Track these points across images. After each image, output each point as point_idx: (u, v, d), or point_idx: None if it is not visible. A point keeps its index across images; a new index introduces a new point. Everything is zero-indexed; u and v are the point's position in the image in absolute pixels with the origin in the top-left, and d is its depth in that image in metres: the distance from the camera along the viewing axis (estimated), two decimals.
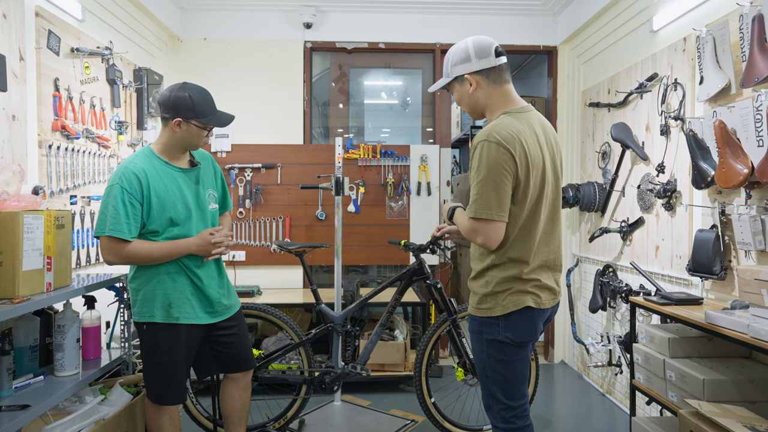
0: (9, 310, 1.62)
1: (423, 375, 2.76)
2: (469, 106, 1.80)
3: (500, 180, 1.61)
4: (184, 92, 1.95)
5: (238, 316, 2.21)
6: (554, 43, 4.12)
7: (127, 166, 1.92)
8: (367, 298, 2.81)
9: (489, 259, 1.72)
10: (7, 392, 1.78)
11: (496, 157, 1.60)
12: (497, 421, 1.77)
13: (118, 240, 1.88)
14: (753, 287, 1.85)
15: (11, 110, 2.13)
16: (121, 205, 1.87)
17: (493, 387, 1.76)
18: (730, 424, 1.63)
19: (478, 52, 1.72)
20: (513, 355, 1.72)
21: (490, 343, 1.73)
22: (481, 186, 1.62)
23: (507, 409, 1.74)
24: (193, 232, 2.03)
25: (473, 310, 1.77)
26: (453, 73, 1.77)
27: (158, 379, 2.00)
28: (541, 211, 1.72)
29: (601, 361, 3.33)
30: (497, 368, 1.73)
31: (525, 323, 1.70)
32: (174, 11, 3.82)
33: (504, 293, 1.69)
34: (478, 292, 1.75)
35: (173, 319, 1.97)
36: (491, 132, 1.63)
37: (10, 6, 2.13)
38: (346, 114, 4.36)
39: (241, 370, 2.23)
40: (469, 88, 1.75)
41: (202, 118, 1.98)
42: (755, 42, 2.02)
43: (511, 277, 1.69)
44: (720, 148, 2.15)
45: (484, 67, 1.72)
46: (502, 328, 1.70)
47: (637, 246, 3.04)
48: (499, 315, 1.69)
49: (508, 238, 1.69)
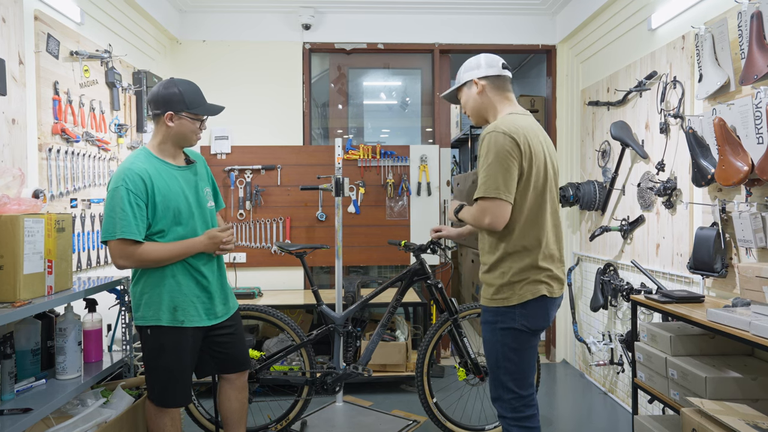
0: (10, 314, 1.62)
1: (425, 375, 2.76)
2: (474, 108, 1.99)
3: (507, 164, 1.75)
4: (173, 87, 1.97)
5: (236, 316, 2.22)
6: (553, 42, 4.12)
7: (129, 167, 1.90)
8: (367, 299, 2.81)
9: (501, 249, 1.84)
10: (9, 396, 1.78)
11: (503, 144, 1.76)
12: (506, 411, 1.87)
13: (130, 242, 1.85)
14: (754, 284, 1.85)
15: (11, 114, 2.13)
16: (128, 206, 1.85)
17: (504, 377, 1.86)
18: (732, 422, 1.63)
19: (487, 62, 1.95)
20: (526, 343, 1.85)
21: (506, 331, 1.84)
22: (489, 169, 1.76)
23: (518, 398, 1.86)
24: (198, 230, 2.03)
25: (488, 301, 1.88)
26: (463, 78, 1.99)
27: (162, 382, 1.99)
28: (547, 203, 1.85)
29: (603, 359, 3.33)
30: (510, 356, 1.85)
31: (540, 311, 1.83)
32: (172, 13, 3.82)
33: (520, 283, 1.81)
34: (494, 284, 1.86)
35: (178, 323, 1.96)
36: (498, 125, 1.81)
37: (9, 10, 2.13)
38: (346, 115, 4.36)
39: (238, 371, 2.22)
40: (476, 90, 1.95)
41: (193, 109, 1.99)
42: (754, 39, 2.02)
43: (527, 266, 1.81)
44: (720, 145, 2.15)
45: (491, 74, 1.94)
46: (518, 316, 1.82)
47: (638, 244, 3.04)
48: (515, 304, 1.81)
49: (516, 225, 1.81)
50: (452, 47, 4.12)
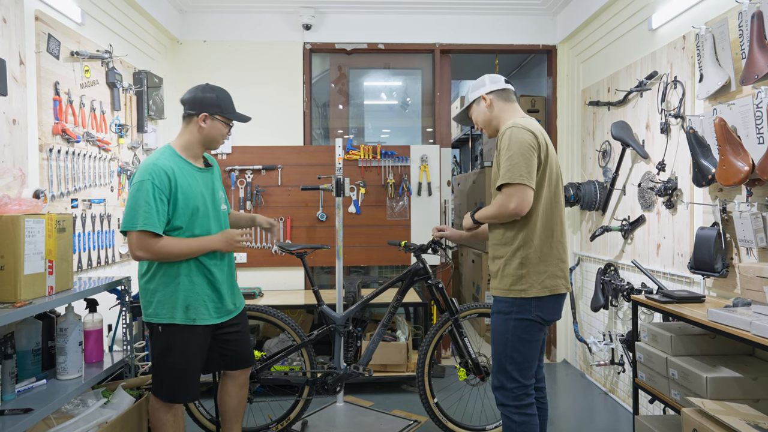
0: (11, 314, 1.62)
1: (425, 375, 2.76)
2: (485, 121, 2.13)
3: (528, 154, 1.87)
4: (211, 92, 2.10)
5: (243, 314, 2.29)
6: (553, 42, 4.12)
7: (155, 162, 1.96)
8: (368, 299, 2.81)
9: (519, 239, 1.94)
10: (9, 396, 1.78)
11: (523, 136, 1.89)
12: (509, 399, 1.98)
13: (151, 234, 1.91)
14: (755, 284, 1.85)
15: (12, 114, 2.14)
16: (153, 200, 1.91)
17: (510, 366, 1.97)
18: (733, 422, 1.63)
19: (491, 80, 2.12)
20: (536, 335, 1.97)
21: (519, 322, 1.94)
22: (512, 159, 1.87)
23: (520, 387, 1.97)
24: (212, 231, 2.09)
25: (503, 291, 1.97)
26: (471, 97, 2.15)
27: (171, 379, 2.03)
28: (561, 198, 2.01)
29: (604, 359, 3.33)
30: (518, 347, 1.95)
31: (554, 304, 1.97)
32: (173, 14, 3.83)
33: (541, 275, 1.93)
34: (512, 274, 1.95)
35: (190, 321, 2.01)
36: (516, 122, 1.94)
37: (10, 10, 2.13)
38: (346, 115, 4.35)
39: (243, 367, 2.29)
40: (484, 104, 2.10)
41: (226, 114, 2.11)
42: (755, 39, 2.02)
43: (545, 257, 1.94)
44: (720, 145, 2.15)
45: (496, 88, 2.10)
46: (534, 308, 1.93)
47: (639, 244, 3.03)
48: (532, 297, 1.92)
49: (535, 215, 1.93)
50: (453, 47, 4.12)
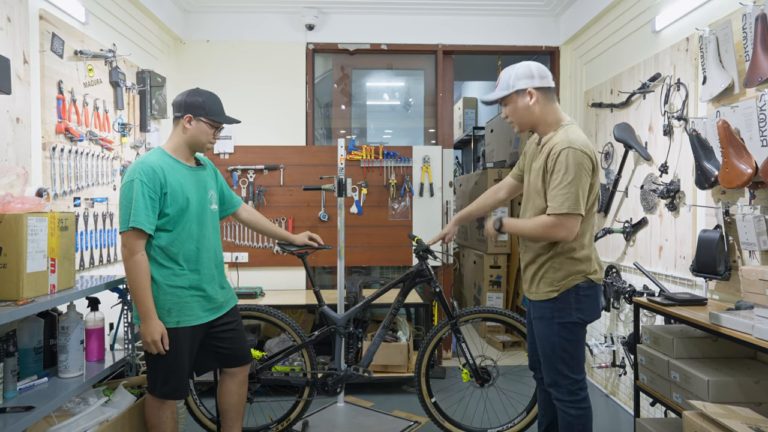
0: (13, 312, 1.62)
1: (423, 375, 2.74)
2: (523, 117, 2.05)
3: (585, 180, 1.91)
4: (197, 95, 2.11)
5: (235, 311, 2.30)
6: (556, 44, 4.12)
7: (143, 161, 1.99)
8: (369, 300, 2.81)
9: (558, 246, 1.99)
10: (11, 394, 1.79)
11: (582, 162, 1.90)
12: (564, 394, 2.04)
13: (138, 235, 1.93)
14: (757, 287, 1.85)
15: (15, 113, 2.14)
16: (141, 197, 1.93)
17: (561, 365, 2.03)
18: (735, 425, 1.62)
19: (540, 73, 2.01)
20: (579, 335, 2.04)
21: (562, 326, 2.00)
22: (570, 186, 1.88)
23: (574, 382, 2.03)
24: (194, 228, 2.09)
25: (544, 294, 2.02)
26: (516, 86, 2.01)
27: (162, 378, 2.05)
28: (596, 205, 2.07)
29: (605, 362, 3.32)
30: (566, 347, 2.01)
31: (593, 304, 2.03)
32: (176, 13, 3.83)
33: (576, 276, 1.99)
34: (552, 278, 2.01)
35: (174, 324, 2.03)
36: (572, 140, 1.92)
37: (15, 9, 2.14)
38: (349, 115, 4.36)
39: (240, 365, 2.30)
40: (529, 100, 2.01)
41: (211, 116, 2.12)
42: (758, 41, 2.01)
43: (583, 257, 1.99)
44: (723, 148, 2.14)
45: (544, 86, 2.01)
46: (574, 310, 1.99)
47: (641, 246, 3.03)
48: (570, 288, 1.98)
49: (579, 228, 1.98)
50: (456, 48, 4.12)
